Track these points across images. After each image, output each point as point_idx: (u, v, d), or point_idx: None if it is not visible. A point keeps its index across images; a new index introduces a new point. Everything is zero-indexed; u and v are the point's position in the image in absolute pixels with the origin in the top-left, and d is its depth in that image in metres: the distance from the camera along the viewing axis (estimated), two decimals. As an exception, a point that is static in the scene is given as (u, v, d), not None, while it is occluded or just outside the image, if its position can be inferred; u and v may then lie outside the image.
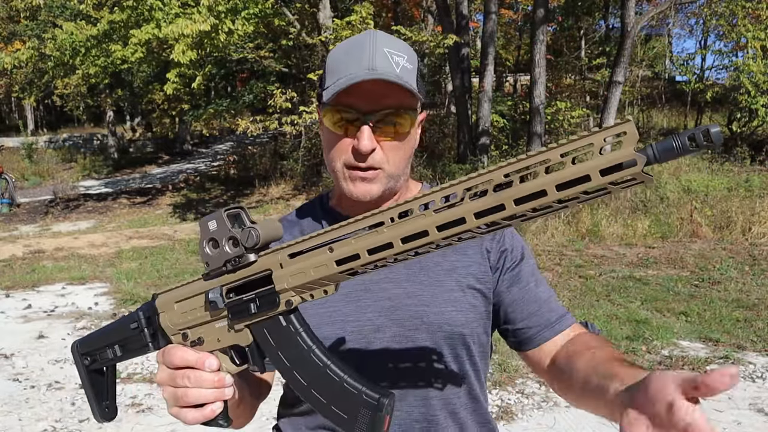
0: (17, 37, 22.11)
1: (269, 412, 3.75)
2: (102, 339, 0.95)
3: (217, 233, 0.77)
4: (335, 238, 0.71)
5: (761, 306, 5.45)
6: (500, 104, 13.89)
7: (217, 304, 0.79)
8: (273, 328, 0.78)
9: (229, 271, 0.78)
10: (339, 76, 0.96)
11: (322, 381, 0.76)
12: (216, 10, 10.60)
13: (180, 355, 0.81)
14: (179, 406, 0.82)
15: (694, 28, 21.11)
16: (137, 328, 0.89)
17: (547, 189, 0.56)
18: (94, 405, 0.99)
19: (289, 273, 0.74)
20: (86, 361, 0.96)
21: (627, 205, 9.04)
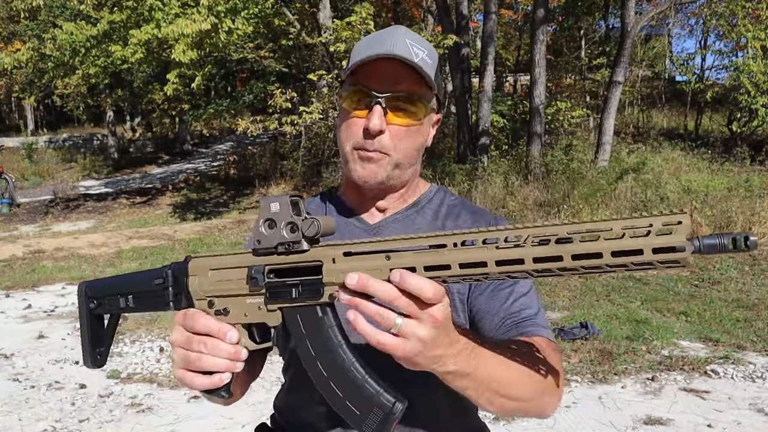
0: (17, 37, 22.12)
1: (269, 411, 3.74)
2: (116, 286, 0.96)
3: (278, 216, 0.80)
4: (394, 249, 0.74)
5: (761, 306, 5.45)
6: (500, 104, 13.90)
7: (257, 281, 0.81)
8: (307, 316, 0.80)
9: (279, 253, 0.80)
10: (358, 59, 1.00)
11: (344, 375, 0.79)
12: (216, 9, 10.60)
13: (203, 322, 0.82)
14: (188, 369, 0.83)
15: (694, 28, 21.11)
16: (162, 285, 0.90)
17: (604, 253, 0.64)
18: (87, 349, 0.98)
19: (341, 269, 0.76)
20: (91, 305, 0.97)
21: (627, 205, 9.04)
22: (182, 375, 0.84)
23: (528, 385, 0.90)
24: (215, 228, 10.96)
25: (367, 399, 0.77)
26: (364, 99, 1.01)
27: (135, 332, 5.31)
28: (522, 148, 11.61)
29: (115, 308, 0.96)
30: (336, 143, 7.14)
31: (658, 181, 9.85)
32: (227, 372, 0.83)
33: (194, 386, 0.84)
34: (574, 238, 0.65)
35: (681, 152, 12.44)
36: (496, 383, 0.84)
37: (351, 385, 0.78)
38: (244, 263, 0.84)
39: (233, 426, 3.57)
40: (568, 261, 0.65)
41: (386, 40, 0.99)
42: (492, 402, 0.87)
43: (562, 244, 0.66)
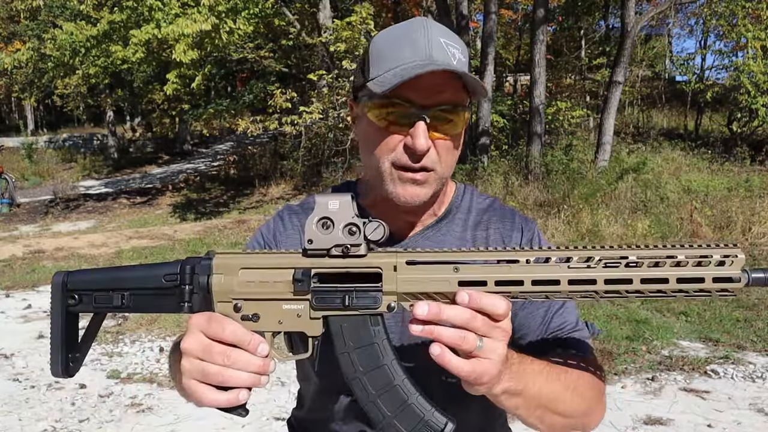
0: (17, 37, 22.11)
1: (269, 411, 3.75)
2: (109, 280, 0.81)
3: (336, 215, 0.73)
4: (461, 260, 0.72)
5: (761, 306, 5.45)
6: (500, 104, 13.88)
7: (304, 285, 0.74)
8: (355, 328, 0.74)
9: (332, 256, 0.74)
10: (391, 66, 0.87)
11: (391, 394, 0.73)
12: (216, 10, 10.60)
13: (232, 330, 0.72)
14: (202, 382, 0.73)
15: (694, 28, 21.10)
16: (174, 281, 0.77)
17: (670, 279, 0.69)
18: (58, 354, 0.82)
19: (403, 278, 0.72)
20: (71, 300, 0.80)
21: (627, 205, 9.04)
22: (194, 388, 0.73)
23: (576, 401, 0.87)
24: (215, 228, 10.96)
25: (416, 418, 0.72)
26: (401, 113, 0.88)
27: (135, 332, 5.31)
28: (522, 148, 11.61)
29: (104, 306, 0.80)
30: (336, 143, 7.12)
31: (658, 181, 9.85)
32: (248, 388, 0.73)
33: (207, 402, 0.73)
34: (644, 263, 0.69)
35: (681, 152, 12.44)
36: (546, 399, 0.82)
37: (400, 403, 0.73)
38: (286, 264, 0.75)
39: (233, 426, 3.57)
40: (637, 284, 0.69)
41: (419, 42, 0.87)
42: (543, 420, 0.84)
43: (632, 267, 0.69)
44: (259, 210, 12.41)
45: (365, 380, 0.74)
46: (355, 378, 0.74)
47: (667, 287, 0.69)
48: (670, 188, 9.67)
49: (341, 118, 11.12)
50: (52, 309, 0.81)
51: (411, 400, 0.73)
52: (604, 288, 0.70)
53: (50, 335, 0.81)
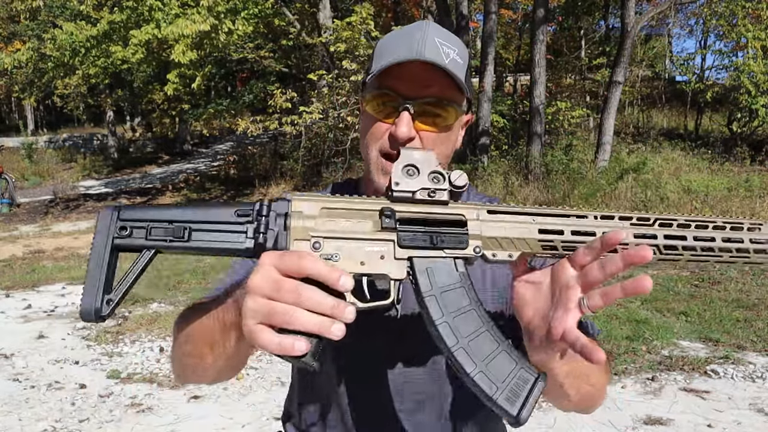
0: (17, 37, 22.11)
1: (269, 412, 3.75)
2: (171, 212, 0.71)
3: (422, 164, 0.74)
4: (538, 212, 0.76)
5: (761, 306, 5.45)
6: (500, 104, 13.89)
7: (390, 222, 0.72)
8: (441, 271, 0.72)
9: (417, 201, 0.74)
10: (384, 60, 0.92)
11: (480, 341, 0.70)
12: (216, 10, 10.61)
13: (312, 262, 0.66)
14: (267, 324, 0.65)
15: (694, 28, 21.10)
16: (247, 216, 0.71)
17: (716, 237, 0.77)
18: (94, 293, 0.69)
19: (487, 224, 0.74)
20: (122, 232, 0.70)
21: (627, 205, 9.04)
22: (258, 332, 0.65)
23: (601, 375, 0.92)
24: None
25: (509, 367, 0.70)
26: (390, 103, 0.93)
27: (135, 332, 5.31)
28: (522, 148, 11.61)
29: (158, 240, 0.70)
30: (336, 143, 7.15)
31: (658, 181, 9.85)
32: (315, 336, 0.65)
33: (271, 348, 0.65)
34: (691, 225, 0.77)
35: (681, 152, 12.44)
36: (586, 367, 0.84)
37: (491, 350, 0.70)
38: (373, 206, 0.73)
39: (233, 426, 3.57)
40: (690, 240, 0.76)
41: (414, 39, 0.91)
42: (579, 389, 0.87)
43: (683, 227, 0.77)
44: (259, 210, 12.41)
45: (450, 326, 0.71)
46: (443, 322, 0.71)
47: (714, 245, 0.76)
48: (670, 188, 9.67)
49: (341, 118, 11.12)
50: (96, 241, 0.71)
51: (502, 347, 0.71)
52: (663, 242, 0.75)
53: (88, 270, 0.69)
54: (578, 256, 0.72)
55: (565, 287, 0.72)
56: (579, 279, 0.71)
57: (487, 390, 0.69)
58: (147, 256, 0.71)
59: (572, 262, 0.72)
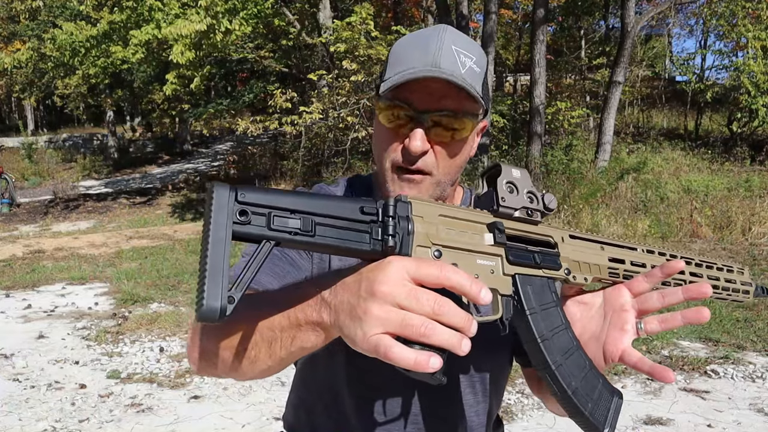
0: (17, 37, 22.11)
1: (269, 411, 3.75)
2: (293, 200, 0.62)
3: (519, 182, 0.77)
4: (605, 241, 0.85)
5: (761, 306, 5.45)
6: (500, 104, 13.89)
7: (501, 238, 0.73)
8: (539, 289, 0.75)
9: (516, 219, 0.77)
10: (399, 69, 0.90)
11: (575, 359, 0.75)
12: (213, 10, 10.60)
13: (455, 273, 0.61)
14: (394, 335, 0.59)
15: (694, 28, 21.14)
16: (372, 216, 0.65)
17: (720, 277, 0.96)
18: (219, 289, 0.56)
19: (570, 248, 0.80)
20: (241, 218, 0.59)
21: (627, 205, 9.04)
22: (388, 344, 0.59)
23: None
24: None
25: (597, 384, 0.75)
26: (403, 114, 0.91)
27: (135, 332, 5.31)
28: (522, 148, 11.61)
29: (281, 231, 0.60)
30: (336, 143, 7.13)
31: (658, 181, 9.86)
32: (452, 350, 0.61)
33: (405, 363, 0.58)
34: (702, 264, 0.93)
35: (681, 152, 12.44)
36: None
37: (582, 368, 0.75)
38: (485, 219, 0.74)
39: (233, 426, 3.58)
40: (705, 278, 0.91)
41: (431, 48, 0.88)
42: None
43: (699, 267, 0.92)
44: (259, 210, 12.40)
45: (547, 344, 0.74)
46: (545, 339, 0.74)
47: (719, 284, 0.93)
48: (670, 188, 9.67)
49: (341, 118, 11.12)
50: (214, 225, 0.58)
51: (588, 365, 0.76)
52: (689, 278, 0.89)
53: (207, 261, 0.57)
54: (638, 282, 0.81)
55: (620, 310, 0.79)
56: (635, 304, 0.79)
57: (581, 406, 0.73)
58: (266, 248, 0.60)
59: (630, 288, 0.81)
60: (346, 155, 11.55)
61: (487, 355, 1.01)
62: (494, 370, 1.04)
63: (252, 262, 0.59)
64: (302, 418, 1.09)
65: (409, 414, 0.99)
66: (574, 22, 18.27)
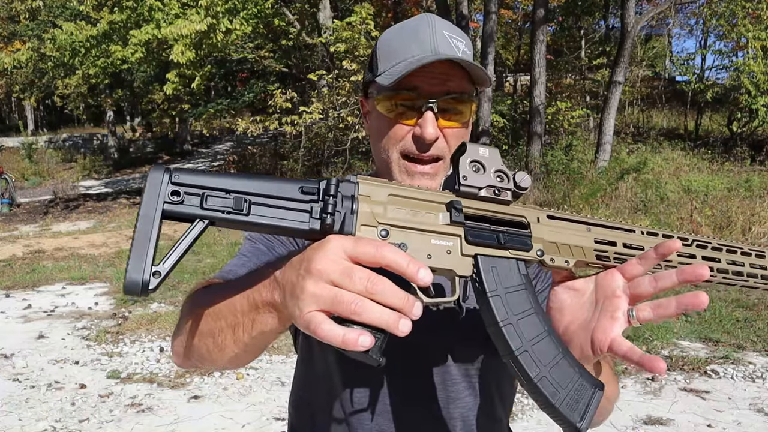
0: (17, 37, 22.12)
1: (269, 411, 3.75)
2: (229, 181, 0.63)
3: (487, 161, 0.73)
4: (592, 222, 0.77)
5: (761, 306, 5.45)
6: (500, 104, 13.89)
7: (459, 216, 0.69)
8: (505, 271, 0.71)
9: (480, 198, 0.72)
10: (398, 60, 0.91)
11: (543, 346, 0.69)
12: (214, 10, 10.60)
13: (392, 252, 0.60)
14: (328, 312, 0.59)
15: (694, 28, 21.15)
16: (312, 195, 0.65)
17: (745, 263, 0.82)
18: (142, 263, 0.60)
19: (546, 229, 0.74)
20: (173, 198, 0.62)
21: (627, 205, 9.04)
22: (318, 320, 0.59)
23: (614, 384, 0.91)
24: (215, 228, 10.96)
25: (571, 373, 0.69)
26: (408, 103, 0.91)
27: (135, 332, 5.31)
28: (522, 148, 11.61)
29: (214, 211, 0.62)
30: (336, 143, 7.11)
31: (658, 181, 9.85)
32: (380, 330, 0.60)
33: (333, 340, 0.58)
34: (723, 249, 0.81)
35: (681, 152, 12.44)
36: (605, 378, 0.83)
37: (553, 355, 0.69)
38: (443, 199, 0.70)
39: (233, 426, 3.58)
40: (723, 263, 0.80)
41: (425, 36, 0.90)
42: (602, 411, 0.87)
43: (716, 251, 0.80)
44: (259, 210, 12.41)
45: (518, 326, 0.69)
46: (508, 323, 0.69)
47: (743, 270, 0.81)
48: (670, 188, 9.67)
49: (341, 118, 11.12)
50: (144, 204, 0.61)
51: (562, 353, 0.70)
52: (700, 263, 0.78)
53: (133, 239, 0.61)
54: (631, 266, 0.72)
55: (612, 296, 0.72)
56: (627, 290, 0.71)
57: (549, 396, 0.67)
58: (199, 227, 0.63)
59: (623, 272, 0.72)
60: (346, 155, 11.55)
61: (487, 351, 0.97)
62: (495, 367, 1.02)
63: (183, 239, 0.62)
64: (302, 417, 1.09)
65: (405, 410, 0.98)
66: (574, 22, 18.27)
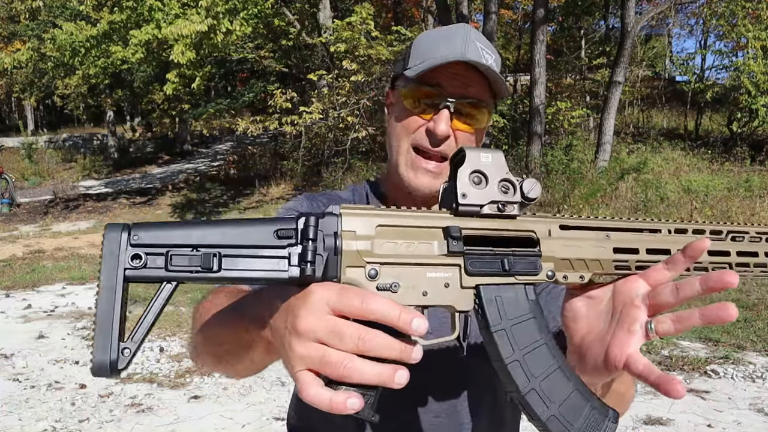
0: (17, 37, 22.11)
1: (269, 412, 3.75)
2: (196, 233, 0.56)
3: (489, 169, 0.64)
4: (611, 227, 0.68)
5: (761, 306, 5.45)
6: (500, 104, 13.89)
7: (457, 245, 0.61)
8: (511, 299, 0.63)
9: (484, 215, 0.64)
10: (427, 57, 0.94)
11: (553, 381, 0.62)
12: (214, 11, 10.61)
13: (380, 305, 0.55)
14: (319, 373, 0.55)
15: (694, 28, 21.15)
16: (290, 238, 0.57)
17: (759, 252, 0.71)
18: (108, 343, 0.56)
19: (560, 243, 0.65)
20: (135, 261, 0.55)
21: (627, 205, 9.04)
22: (306, 383, 0.54)
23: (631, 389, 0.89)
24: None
25: (582, 408, 0.62)
26: (429, 99, 0.95)
27: (135, 332, 5.31)
28: (522, 148, 11.61)
29: (182, 271, 0.56)
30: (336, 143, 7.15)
31: (658, 181, 9.85)
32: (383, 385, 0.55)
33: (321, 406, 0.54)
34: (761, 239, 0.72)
35: (681, 152, 12.44)
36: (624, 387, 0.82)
37: (563, 390, 0.62)
38: (434, 222, 0.62)
39: (233, 426, 3.58)
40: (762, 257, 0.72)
41: (458, 41, 0.93)
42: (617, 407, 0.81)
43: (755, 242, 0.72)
44: (259, 210, 12.41)
45: (525, 361, 0.62)
46: (514, 360, 0.62)
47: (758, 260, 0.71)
48: (670, 188, 9.67)
49: (341, 118, 11.12)
50: (103, 276, 0.56)
51: (574, 385, 0.63)
52: (736, 260, 0.70)
53: (96, 314, 0.56)
54: (656, 271, 0.65)
55: (630, 305, 0.64)
56: (647, 299, 0.64)
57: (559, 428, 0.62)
58: (168, 289, 0.57)
59: (646, 278, 0.65)
60: (346, 155, 11.55)
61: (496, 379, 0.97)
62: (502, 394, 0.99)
63: (152, 306, 0.57)
64: (301, 419, 1.09)
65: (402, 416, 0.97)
66: (574, 22, 18.27)
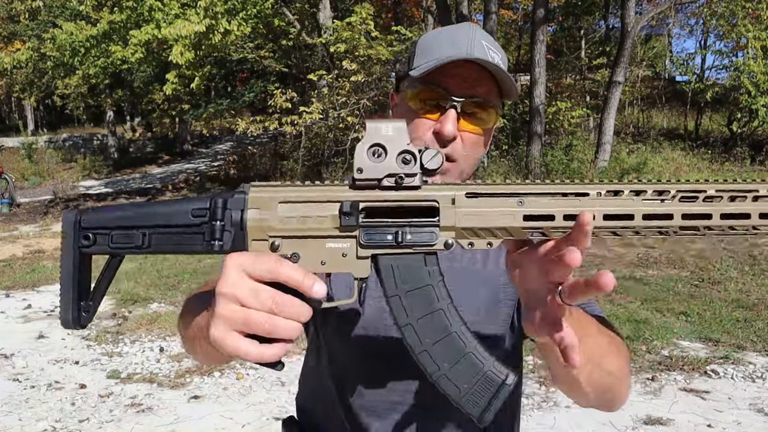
0: (17, 37, 22.12)
1: (269, 411, 3.75)
2: (128, 217, 0.70)
3: (390, 142, 0.66)
4: (525, 192, 0.66)
5: (761, 306, 5.45)
6: (502, 104, 13.87)
7: (351, 219, 0.65)
8: (408, 268, 0.67)
9: (383, 187, 0.66)
10: (432, 57, 0.93)
11: (447, 344, 0.66)
12: (213, 11, 10.61)
13: (288, 269, 0.62)
14: (242, 332, 0.62)
15: (694, 28, 21.14)
16: (203, 217, 0.67)
17: (752, 213, 0.64)
18: (70, 303, 0.71)
19: (463, 212, 0.66)
20: (85, 241, 0.70)
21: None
22: (232, 341, 0.62)
23: (619, 359, 0.84)
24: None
25: (474, 370, 0.66)
26: (435, 100, 0.93)
27: (135, 332, 5.31)
28: (522, 148, 11.61)
29: (122, 247, 0.70)
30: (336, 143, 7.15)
31: (658, 181, 9.85)
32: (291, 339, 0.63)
33: (252, 358, 0.62)
34: (723, 197, 0.64)
35: (681, 152, 12.44)
36: (598, 353, 0.79)
37: (457, 353, 0.66)
38: (332, 197, 0.66)
39: (233, 426, 3.58)
40: (716, 219, 0.64)
41: (463, 40, 0.92)
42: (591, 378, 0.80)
43: (710, 202, 0.64)
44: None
45: (415, 328, 0.66)
46: (407, 324, 0.66)
47: (747, 223, 0.64)
48: (670, 188, 9.66)
49: (341, 118, 11.12)
50: (63, 251, 0.71)
51: (469, 348, 0.66)
52: (680, 223, 0.64)
53: (60, 281, 0.71)
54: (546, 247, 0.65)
55: None
56: None
57: (451, 393, 0.66)
58: (115, 262, 0.72)
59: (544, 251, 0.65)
60: (346, 155, 11.55)
61: None
62: None
63: (104, 274, 0.73)
64: (306, 415, 1.10)
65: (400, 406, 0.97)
66: (574, 22, 18.27)
